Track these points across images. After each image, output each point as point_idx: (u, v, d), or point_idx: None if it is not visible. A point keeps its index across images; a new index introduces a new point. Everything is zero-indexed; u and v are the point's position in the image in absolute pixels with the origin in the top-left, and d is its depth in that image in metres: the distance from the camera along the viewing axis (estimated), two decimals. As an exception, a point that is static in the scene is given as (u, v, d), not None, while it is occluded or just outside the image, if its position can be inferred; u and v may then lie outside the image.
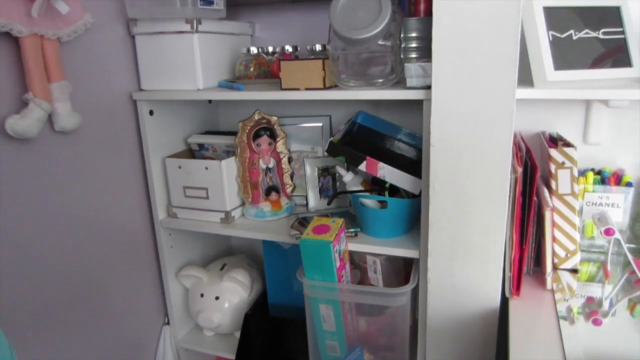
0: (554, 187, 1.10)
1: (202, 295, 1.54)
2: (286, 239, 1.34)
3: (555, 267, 1.13)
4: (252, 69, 1.43)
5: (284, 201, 1.49)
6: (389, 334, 1.27)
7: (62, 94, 1.15)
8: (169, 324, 1.62)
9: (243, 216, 1.50)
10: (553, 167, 1.09)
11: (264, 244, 1.52)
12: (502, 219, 1.04)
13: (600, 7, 1.08)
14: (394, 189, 1.27)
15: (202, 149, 1.56)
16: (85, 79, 1.25)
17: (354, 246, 1.26)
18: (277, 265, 1.54)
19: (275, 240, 1.41)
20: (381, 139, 1.36)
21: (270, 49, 1.45)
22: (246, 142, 1.43)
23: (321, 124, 1.55)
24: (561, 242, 1.11)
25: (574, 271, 1.13)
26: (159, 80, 1.39)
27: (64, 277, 1.24)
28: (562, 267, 1.13)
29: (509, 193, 1.03)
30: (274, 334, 1.50)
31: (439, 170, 1.06)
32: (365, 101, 1.46)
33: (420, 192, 1.17)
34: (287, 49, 1.42)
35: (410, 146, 1.36)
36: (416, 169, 1.17)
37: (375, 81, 1.15)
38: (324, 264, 1.17)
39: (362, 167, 1.21)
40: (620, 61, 1.06)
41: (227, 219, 1.44)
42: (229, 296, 1.54)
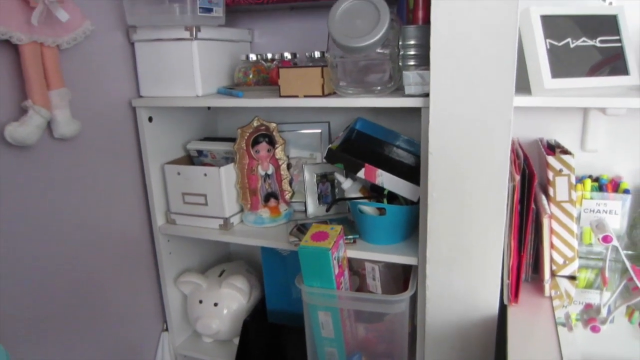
0: (551, 194, 1.10)
1: (200, 301, 1.54)
2: (285, 245, 1.34)
3: (554, 274, 1.13)
4: (251, 76, 1.43)
5: (282, 207, 1.49)
6: (388, 341, 1.27)
7: (62, 101, 1.15)
8: (167, 330, 1.62)
9: (242, 222, 1.50)
10: (551, 175, 1.09)
11: (263, 250, 1.52)
12: (500, 226, 1.05)
13: (597, 16, 1.09)
14: (393, 195, 1.27)
15: (201, 155, 1.56)
16: (85, 85, 1.26)
17: (352, 253, 1.26)
18: (275, 271, 1.54)
19: (274, 247, 1.41)
20: (380, 146, 1.37)
21: (269, 55, 1.45)
22: (245, 148, 1.44)
23: (320, 131, 1.56)
24: (559, 249, 1.11)
25: (572, 278, 1.13)
26: (158, 87, 1.39)
27: (62, 283, 1.24)
28: (560, 274, 1.13)
29: (507, 200, 1.03)
30: (272, 341, 1.50)
31: (437, 177, 1.07)
32: (364, 108, 1.47)
33: (419, 199, 1.17)
34: (286, 56, 1.43)
35: (408, 153, 1.37)
36: (414, 176, 1.18)
37: (374, 89, 1.16)
38: (323, 271, 1.17)
39: (361, 174, 1.21)
40: (617, 69, 1.07)
41: (226, 225, 1.44)
42: (227, 302, 1.54)
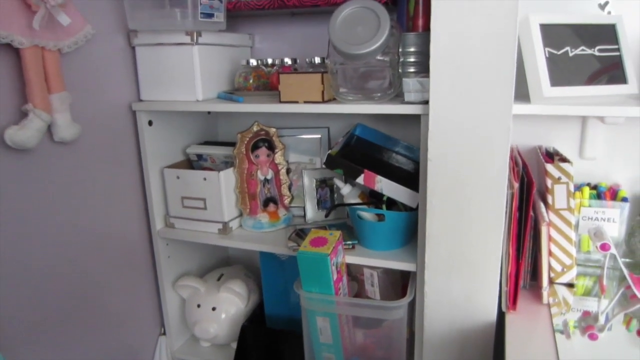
0: (550, 201, 1.10)
1: (198, 305, 1.54)
2: (284, 250, 1.34)
3: (552, 282, 1.13)
4: (251, 81, 1.44)
5: (281, 212, 1.49)
6: (386, 347, 1.27)
7: (62, 105, 1.15)
8: (165, 334, 1.62)
9: (241, 227, 1.50)
10: (549, 182, 1.10)
11: (261, 255, 1.52)
12: (498, 233, 1.05)
13: (596, 25, 1.10)
14: (392, 201, 1.28)
15: (200, 159, 1.56)
16: (85, 89, 1.26)
17: (351, 259, 1.26)
18: (274, 276, 1.54)
19: (272, 252, 1.41)
20: (379, 152, 1.37)
21: (270, 60, 1.46)
22: (245, 153, 1.44)
23: (319, 136, 1.56)
24: (557, 256, 1.12)
25: (570, 285, 1.14)
26: (158, 91, 1.39)
27: (61, 286, 1.24)
28: (558, 281, 1.13)
29: (506, 208, 1.03)
30: (270, 346, 1.50)
31: (436, 184, 1.07)
32: (364, 114, 1.46)
33: (418, 206, 1.17)
34: (287, 62, 1.43)
35: (407, 159, 1.37)
36: (413, 182, 1.18)
37: (374, 95, 1.16)
38: (321, 276, 1.17)
39: (360, 180, 1.22)
40: (615, 78, 1.08)
41: (225, 229, 1.44)
42: (225, 307, 1.54)
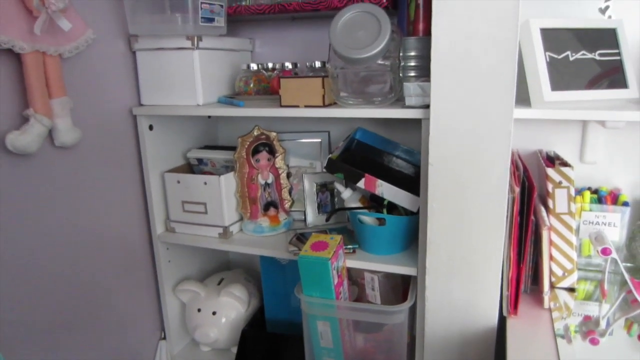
0: (551, 206, 1.10)
1: (199, 310, 1.54)
2: (284, 255, 1.34)
3: (553, 286, 1.13)
4: (251, 85, 1.44)
5: (282, 216, 1.49)
6: (387, 351, 1.27)
7: (63, 110, 1.15)
8: (165, 338, 1.62)
9: (241, 231, 1.50)
10: (550, 187, 1.10)
11: (262, 259, 1.52)
12: (500, 238, 1.05)
13: (597, 29, 1.10)
14: (392, 205, 1.28)
15: (201, 163, 1.56)
16: (86, 94, 1.26)
17: (352, 263, 1.26)
18: (274, 280, 1.54)
19: (273, 256, 1.41)
20: (379, 156, 1.37)
21: (270, 65, 1.46)
22: (245, 157, 1.44)
23: (320, 140, 1.56)
24: (558, 260, 1.12)
25: (571, 290, 1.14)
26: (159, 96, 1.39)
27: (61, 290, 1.24)
28: (559, 285, 1.13)
29: (507, 212, 1.03)
30: (271, 350, 1.49)
31: (437, 189, 1.07)
32: (365, 118, 1.47)
33: (419, 210, 1.17)
34: (287, 66, 1.43)
35: (408, 163, 1.37)
36: (414, 186, 1.18)
37: (374, 99, 1.16)
38: (322, 280, 1.17)
39: (361, 184, 1.22)
40: (616, 82, 1.08)
41: (225, 234, 1.44)
42: (226, 311, 1.53)
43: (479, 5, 0.95)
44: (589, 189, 1.25)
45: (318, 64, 1.34)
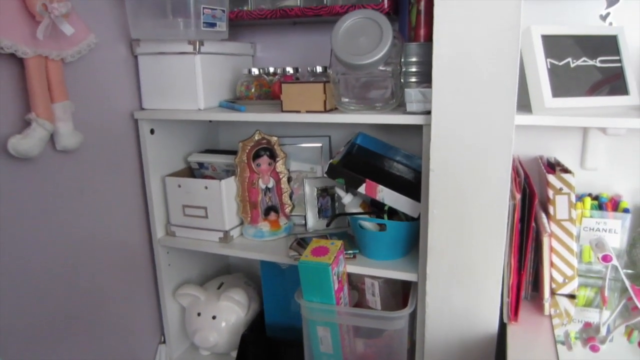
0: (552, 212, 1.10)
1: (199, 314, 1.54)
2: (284, 259, 1.34)
3: (553, 293, 1.13)
4: (253, 90, 1.44)
5: (282, 221, 1.49)
6: (387, 357, 1.27)
7: (65, 114, 1.15)
8: (164, 342, 1.61)
9: (242, 235, 1.50)
10: (551, 193, 1.10)
11: (262, 263, 1.52)
12: (500, 244, 1.05)
13: (598, 36, 1.10)
14: (393, 211, 1.27)
15: (201, 167, 1.56)
16: (88, 98, 1.26)
17: (352, 268, 1.26)
18: (274, 285, 1.53)
19: (273, 261, 1.41)
20: (380, 160, 1.37)
21: (272, 69, 1.46)
22: (246, 162, 1.44)
23: (321, 145, 1.56)
24: (559, 267, 1.12)
25: (571, 296, 1.14)
26: (160, 100, 1.39)
27: (61, 293, 1.24)
28: (560, 292, 1.13)
29: (508, 219, 1.03)
30: (270, 355, 1.49)
31: (438, 195, 1.07)
32: (365, 123, 1.47)
33: (419, 215, 1.17)
34: (288, 71, 1.43)
35: (408, 168, 1.37)
36: (415, 191, 1.18)
37: (376, 105, 1.16)
38: (323, 286, 1.17)
39: (362, 189, 1.22)
40: (617, 89, 1.08)
41: (226, 238, 1.44)
42: (225, 315, 1.53)
43: (480, 12, 0.95)
44: (590, 195, 1.25)
45: (319, 69, 1.34)
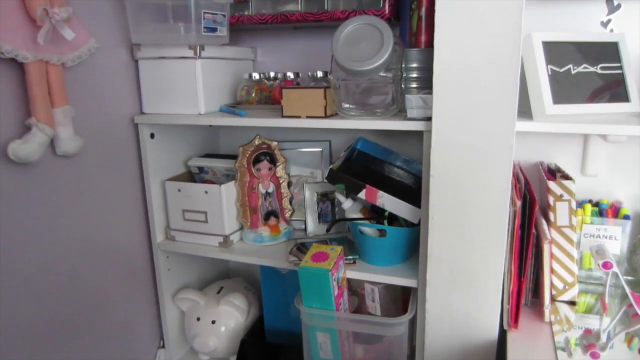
0: (552, 219, 1.10)
1: (198, 318, 1.53)
2: (284, 264, 1.34)
3: (554, 299, 1.13)
4: (253, 95, 1.44)
5: (282, 226, 1.49)
6: (386, 363, 1.27)
7: (65, 119, 1.15)
8: (164, 347, 1.61)
9: (241, 240, 1.50)
10: (551, 200, 1.10)
11: (262, 268, 1.52)
12: (500, 250, 1.05)
13: (599, 43, 1.10)
14: (393, 216, 1.27)
15: (202, 172, 1.56)
16: (88, 102, 1.26)
17: (352, 274, 1.25)
18: (274, 290, 1.53)
19: (273, 266, 1.41)
20: (380, 166, 1.37)
21: (272, 74, 1.46)
22: (246, 166, 1.44)
23: (321, 149, 1.56)
24: (559, 274, 1.11)
25: (572, 303, 1.13)
26: (160, 104, 1.39)
27: (60, 297, 1.24)
28: (560, 299, 1.13)
29: (508, 225, 1.03)
30: (270, 360, 1.49)
31: (438, 201, 1.07)
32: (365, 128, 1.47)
33: (419, 221, 1.17)
34: (289, 76, 1.43)
35: (407, 172, 1.37)
36: (415, 197, 1.18)
37: (376, 111, 1.16)
38: (322, 292, 1.16)
39: (362, 195, 1.22)
40: (617, 96, 1.08)
41: (226, 243, 1.44)
42: (225, 320, 1.53)
43: (481, 18, 0.95)
44: (590, 201, 1.25)
45: (320, 74, 1.35)
